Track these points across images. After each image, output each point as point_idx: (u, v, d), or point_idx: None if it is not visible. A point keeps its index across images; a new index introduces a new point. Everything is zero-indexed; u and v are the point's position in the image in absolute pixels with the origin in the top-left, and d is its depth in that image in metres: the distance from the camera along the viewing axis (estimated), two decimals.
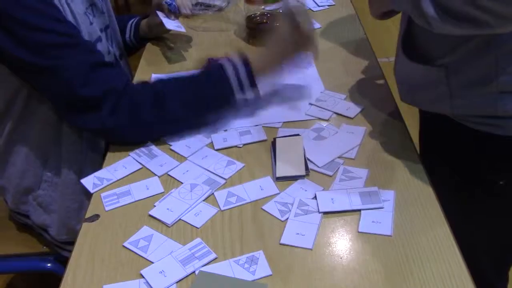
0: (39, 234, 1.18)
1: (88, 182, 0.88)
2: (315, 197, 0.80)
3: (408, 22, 0.87)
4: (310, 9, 1.42)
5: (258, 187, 0.84)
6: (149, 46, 1.32)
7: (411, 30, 0.87)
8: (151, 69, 1.21)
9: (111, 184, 0.88)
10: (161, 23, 1.21)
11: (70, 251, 1.16)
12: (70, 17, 0.95)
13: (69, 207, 1.09)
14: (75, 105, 0.92)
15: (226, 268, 0.71)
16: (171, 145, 0.95)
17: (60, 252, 1.18)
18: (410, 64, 0.87)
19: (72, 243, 1.14)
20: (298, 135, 0.93)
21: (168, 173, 0.89)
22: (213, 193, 0.83)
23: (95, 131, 0.99)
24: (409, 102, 0.94)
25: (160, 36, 1.34)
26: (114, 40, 1.19)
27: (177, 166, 0.90)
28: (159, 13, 1.21)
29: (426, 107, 0.92)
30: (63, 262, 1.13)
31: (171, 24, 1.21)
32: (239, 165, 0.89)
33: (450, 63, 0.81)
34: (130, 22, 1.31)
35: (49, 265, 1.18)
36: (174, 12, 1.21)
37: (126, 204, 0.83)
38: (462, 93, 0.83)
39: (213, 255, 0.72)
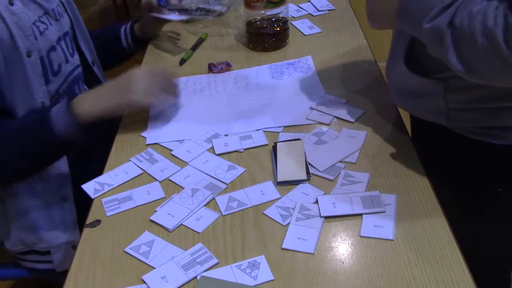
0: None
1: (89, 187, 0.88)
2: (316, 202, 0.80)
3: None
4: (310, 13, 1.42)
5: (260, 191, 0.84)
6: (148, 53, 1.32)
7: (413, 41, 0.84)
8: None
9: (112, 189, 0.88)
10: (156, 21, 1.25)
11: (31, 261, 1.12)
12: (14, 30, 0.92)
13: (21, 218, 1.06)
14: None
15: (227, 273, 0.70)
16: (172, 150, 0.95)
17: (21, 263, 1.15)
18: (407, 73, 0.84)
19: (28, 252, 1.10)
20: (299, 139, 0.93)
21: (169, 178, 0.89)
22: (214, 198, 0.83)
23: None
24: (401, 107, 0.93)
25: (157, 40, 1.35)
26: (84, 46, 1.17)
27: (178, 171, 0.90)
28: (153, 14, 1.23)
29: (421, 115, 0.89)
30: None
31: (171, 16, 1.23)
32: (240, 169, 0.89)
33: (448, 78, 0.79)
34: (123, 29, 1.32)
35: None
36: (164, 6, 1.22)
37: (127, 210, 0.83)
38: (461, 107, 0.81)
39: (215, 260, 0.72)
